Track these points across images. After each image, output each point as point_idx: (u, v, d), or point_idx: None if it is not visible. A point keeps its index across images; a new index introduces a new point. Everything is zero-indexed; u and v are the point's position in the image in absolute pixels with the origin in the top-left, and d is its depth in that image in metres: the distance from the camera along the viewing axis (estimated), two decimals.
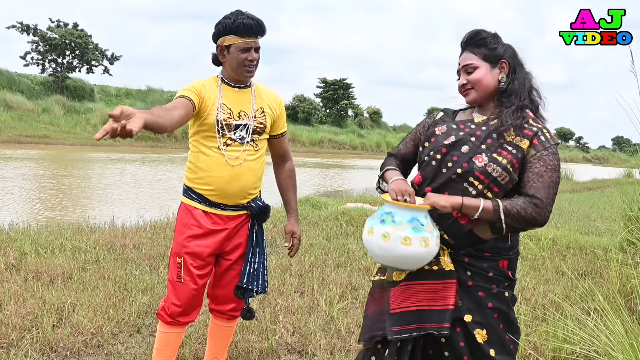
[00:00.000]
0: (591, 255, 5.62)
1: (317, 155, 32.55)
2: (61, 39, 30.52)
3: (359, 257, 5.56)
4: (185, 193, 2.64)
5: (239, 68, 2.51)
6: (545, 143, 1.92)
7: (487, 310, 1.96)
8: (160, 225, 6.87)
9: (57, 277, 4.35)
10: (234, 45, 2.48)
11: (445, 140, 2.01)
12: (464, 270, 1.97)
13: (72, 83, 31.44)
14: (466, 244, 1.97)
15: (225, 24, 2.48)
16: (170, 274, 2.63)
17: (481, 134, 1.98)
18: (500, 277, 1.98)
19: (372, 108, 49.56)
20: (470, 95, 2.04)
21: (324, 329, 3.62)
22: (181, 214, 2.64)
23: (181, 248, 2.58)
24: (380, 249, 1.88)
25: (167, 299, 2.63)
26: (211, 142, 2.54)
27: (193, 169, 2.59)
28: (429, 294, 1.95)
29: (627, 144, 6.97)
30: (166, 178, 14.75)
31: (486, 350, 1.93)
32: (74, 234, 5.86)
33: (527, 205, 1.86)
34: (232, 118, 2.54)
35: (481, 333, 1.94)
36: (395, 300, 1.98)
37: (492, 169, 1.90)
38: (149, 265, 4.97)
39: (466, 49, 2.05)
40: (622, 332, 2.73)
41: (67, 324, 3.46)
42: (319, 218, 7.66)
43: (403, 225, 1.85)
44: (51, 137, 24.89)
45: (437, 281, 1.95)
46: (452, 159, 1.97)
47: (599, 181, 20.14)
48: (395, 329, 1.93)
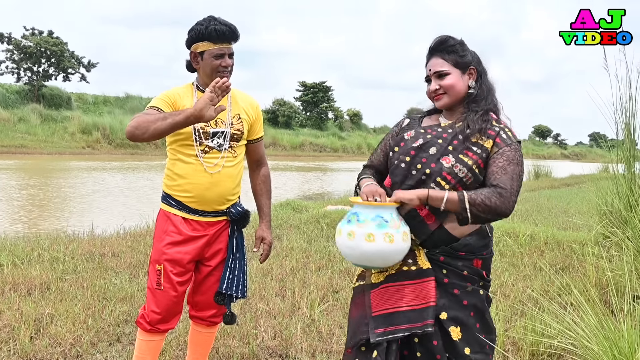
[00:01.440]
0: (568, 250, 5.70)
1: (298, 158, 32.57)
2: (36, 47, 30.20)
3: (340, 259, 5.57)
4: (164, 200, 2.62)
5: (213, 74, 2.49)
6: (507, 140, 1.99)
7: (463, 308, 1.99)
8: (140, 233, 6.82)
9: (35, 288, 4.30)
10: (207, 52, 2.48)
11: (413, 143, 2.05)
12: (440, 269, 2.00)
13: (49, 91, 31.10)
14: (439, 242, 2.00)
15: (198, 30, 2.46)
16: (149, 281, 2.59)
17: (447, 136, 2.03)
18: (475, 276, 2.02)
19: (353, 110, 49.78)
20: (442, 100, 2.07)
21: (305, 331, 3.63)
22: (160, 221, 2.62)
23: (160, 255, 2.56)
24: (347, 247, 1.94)
25: (146, 307, 2.60)
26: (189, 149, 2.52)
27: (171, 176, 2.57)
28: (409, 295, 1.97)
29: (604, 139, 7.09)
30: (146, 185, 14.63)
31: (461, 348, 1.95)
32: (51, 244, 5.79)
33: (492, 194, 1.89)
34: (209, 126, 2.53)
35: (455, 330, 1.96)
36: (376, 303, 2.00)
37: (458, 170, 1.95)
38: (128, 273, 4.93)
39: (435, 54, 2.08)
40: (597, 324, 2.78)
41: (45, 335, 3.42)
42: (300, 221, 7.66)
43: (367, 223, 1.90)
44: (28, 147, 24.59)
45: (416, 281, 1.97)
46: (421, 160, 2.01)
47: (576, 177, 20.43)
48: (377, 332, 1.95)
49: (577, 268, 4.93)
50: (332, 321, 3.80)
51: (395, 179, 2.06)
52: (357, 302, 2.10)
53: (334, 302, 4.24)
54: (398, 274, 2.00)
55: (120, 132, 28.78)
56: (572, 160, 55.66)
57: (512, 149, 1.97)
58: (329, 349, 3.40)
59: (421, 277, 1.97)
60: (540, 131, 77.42)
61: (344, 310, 4.06)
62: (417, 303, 1.95)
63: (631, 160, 5.01)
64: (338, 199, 12.39)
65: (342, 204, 9.41)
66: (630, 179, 4.95)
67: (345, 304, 4.17)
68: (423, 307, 1.94)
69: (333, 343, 3.46)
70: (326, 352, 3.36)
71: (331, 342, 3.49)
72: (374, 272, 2.07)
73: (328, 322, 3.77)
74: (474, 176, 1.95)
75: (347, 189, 16.20)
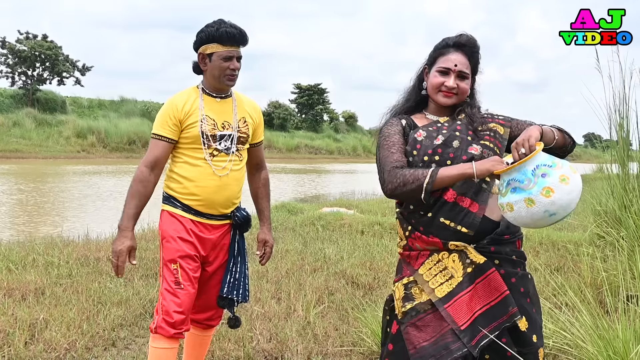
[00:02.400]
0: (563, 250, 5.72)
1: (293, 161, 32.58)
2: (30, 51, 30.11)
3: (335, 261, 5.57)
4: (167, 201, 2.59)
5: (221, 77, 2.50)
6: (507, 118, 2.13)
7: (522, 295, 1.97)
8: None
9: (29, 293, 4.28)
10: (216, 54, 2.47)
11: (434, 141, 2.02)
12: (492, 260, 1.95)
13: (43, 95, 31.00)
14: (484, 232, 1.97)
15: (208, 32, 2.45)
16: (165, 283, 2.50)
17: (462, 128, 2.06)
18: (521, 258, 2.03)
19: (348, 112, 49.80)
20: (451, 99, 2.06)
21: (300, 334, 3.62)
22: (167, 222, 2.57)
23: (175, 253, 2.50)
24: (566, 193, 1.77)
25: (165, 310, 2.46)
26: (197, 153, 2.52)
27: (178, 179, 2.55)
28: (482, 293, 1.92)
29: (598, 140, 7.13)
30: None
31: (529, 337, 1.93)
32: (46, 249, 5.77)
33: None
34: (216, 129, 2.53)
35: (522, 321, 1.93)
36: (458, 315, 1.91)
37: (487, 154, 1.99)
38: (123, 277, 4.91)
39: (462, 51, 2.06)
40: (592, 324, 2.79)
41: (39, 340, 3.40)
42: (295, 224, 7.66)
43: (559, 166, 1.80)
44: (23, 151, 24.52)
45: (481, 277, 1.93)
46: (449, 155, 1.99)
47: None
48: (474, 342, 1.87)
49: (572, 268, 4.94)
50: (328, 323, 3.80)
51: None
52: (422, 324, 1.96)
53: (329, 304, 4.24)
54: (464, 278, 1.93)
55: (116, 135, 28.73)
56: (567, 160, 55.74)
57: (515, 118, 2.14)
58: (325, 351, 3.40)
59: (483, 273, 1.93)
60: None
61: (340, 312, 4.06)
62: (493, 298, 1.91)
63: (625, 160, 5.04)
64: (333, 201, 12.40)
65: (337, 206, 9.42)
66: (624, 179, 4.97)
67: (340, 307, 4.17)
68: (502, 299, 1.90)
69: (329, 345, 3.46)
70: (322, 355, 3.36)
71: (327, 344, 3.48)
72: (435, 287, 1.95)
73: (324, 324, 3.77)
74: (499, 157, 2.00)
75: (342, 191, 16.22)
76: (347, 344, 3.47)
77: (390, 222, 7.50)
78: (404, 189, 1.93)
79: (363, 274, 5.02)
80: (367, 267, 5.29)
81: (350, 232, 7.15)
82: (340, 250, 6.03)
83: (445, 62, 2.05)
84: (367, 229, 7.26)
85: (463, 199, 1.96)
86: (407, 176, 1.93)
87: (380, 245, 6.30)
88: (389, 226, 7.35)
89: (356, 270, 5.13)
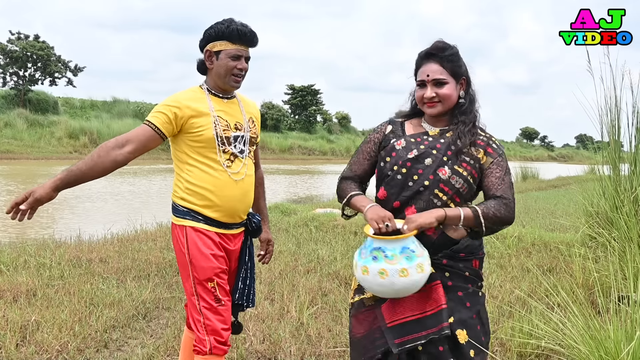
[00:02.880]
0: (555, 251, 5.74)
1: (287, 161, 32.53)
2: (22, 52, 29.94)
3: (329, 262, 5.57)
4: (187, 216, 2.40)
5: (227, 76, 2.39)
6: (498, 150, 2.06)
7: (467, 310, 2.00)
8: (128, 238, 6.77)
9: (21, 295, 4.25)
10: (224, 52, 2.36)
11: (408, 154, 2.05)
12: (443, 272, 2.01)
13: (35, 96, 30.82)
14: (441, 246, 2.01)
15: (218, 29, 2.35)
16: (204, 302, 2.37)
17: (441, 147, 2.04)
18: (475, 277, 2.06)
19: (341, 113, 49.81)
20: (435, 108, 2.05)
21: (294, 335, 3.62)
22: (194, 238, 2.38)
23: (212, 272, 2.37)
24: (379, 285, 1.88)
25: (212, 330, 2.36)
26: (213, 159, 2.37)
27: (195, 190, 2.38)
28: (420, 301, 1.97)
29: (590, 141, 7.15)
30: (132, 190, 14.55)
31: (467, 350, 1.95)
32: (38, 250, 5.74)
33: (500, 205, 1.97)
34: (229, 130, 2.41)
35: (462, 333, 1.96)
36: (388, 314, 1.99)
37: (455, 181, 1.99)
38: (116, 278, 4.90)
39: (432, 60, 2.05)
40: (584, 325, 2.80)
41: (31, 342, 3.38)
42: (289, 224, 7.65)
43: (396, 258, 1.85)
44: (14, 152, 24.35)
45: (423, 287, 1.95)
46: (418, 172, 2.02)
47: (563, 178, 20.58)
48: (397, 342, 1.94)
49: (564, 269, 4.96)
50: (321, 324, 3.80)
51: (391, 190, 2.06)
52: (361, 317, 2.08)
53: (322, 305, 4.24)
54: None
55: (108, 136, 28.57)
56: (559, 162, 56.04)
57: (504, 159, 2.06)
58: (318, 352, 3.39)
59: (428, 282, 1.96)
60: (527, 133, 77.92)
61: (333, 313, 4.06)
62: (429, 308, 1.96)
63: (616, 161, 5.07)
64: (327, 201, 12.39)
65: (330, 207, 9.41)
66: (615, 180, 4.99)
67: (334, 307, 4.17)
68: (437, 311, 1.94)
69: (322, 346, 3.46)
70: (315, 356, 3.35)
71: (320, 345, 3.48)
72: None
73: (317, 325, 3.77)
74: (469, 186, 2.01)
75: (335, 192, 16.17)
76: (340, 344, 3.47)
77: None
78: (338, 199, 2.24)
79: None
80: None
81: (344, 233, 7.15)
82: (333, 251, 6.03)
83: (420, 75, 2.09)
84: (360, 230, 7.26)
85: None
86: (341, 190, 2.22)
87: None
88: None
89: (349, 271, 5.13)
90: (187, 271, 2.40)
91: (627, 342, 2.56)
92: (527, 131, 77.77)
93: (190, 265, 2.38)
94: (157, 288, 4.65)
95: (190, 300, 2.42)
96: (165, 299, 4.41)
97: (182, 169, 2.42)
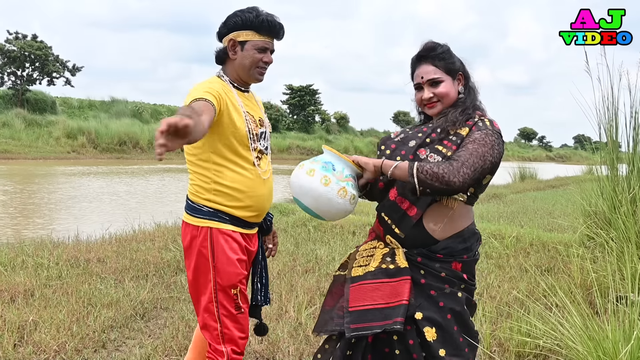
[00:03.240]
0: (553, 251, 5.74)
1: (285, 161, 32.52)
2: (20, 51, 29.87)
3: (327, 262, 5.57)
4: (212, 217, 2.26)
5: (252, 69, 2.26)
6: (482, 127, 1.99)
7: (439, 309, 1.98)
8: (126, 238, 6.76)
9: (19, 295, 4.25)
10: (250, 42, 2.23)
11: (396, 138, 2.12)
12: (417, 269, 2.02)
13: (33, 96, 30.76)
14: (418, 242, 2.02)
15: (246, 17, 2.21)
16: (223, 309, 2.27)
17: (427, 130, 2.08)
18: (454, 278, 2.02)
19: (339, 113, 49.79)
20: (435, 107, 2.08)
21: (292, 335, 3.62)
22: (219, 241, 2.25)
23: (236, 278, 2.27)
24: (293, 176, 2.06)
25: (230, 339, 2.28)
26: (244, 157, 2.26)
27: (226, 192, 2.24)
28: (386, 292, 1.98)
29: (588, 142, 7.17)
30: (132, 190, 14.53)
31: (435, 349, 1.94)
32: (36, 250, 5.72)
33: (441, 163, 1.90)
34: (257, 126, 2.31)
35: (430, 331, 1.96)
36: (353, 298, 2.01)
37: (433, 160, 1.98)
38: (114, 278, 4.89)
39: (425, 61, 2.08)
40: (582, 325, 2.81)
41: (28, 343, 3.38)
42: (287, 224, 7.65)
43: (317, 162, 2.03)
44: (12, 152, 24.30)
45: (393, 279, 1.98)
46: (400, 152, 2.06)
47: (561, 179, 20.60)
48: (353, 327, 1.96)
49: (562, 269, 4.96)
50: None
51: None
52: (335, 291, 2.14)
53: (321, 305, 4.23)
54: (377, 272, 2.02)
55: (106, 136, 28.54)
56: (557, 162, 56.12)
57: (483, 133, 1.96)
58: None
59: (398, 276, 1.98)
60: (525, 134, 78.05)
61: None
62: (391, 300, 1.96)
63: (614, 162, 5.07)
64: None
65: None
66: (613, 180, 5.00)
67: None
68: (396, 305, 1.94)
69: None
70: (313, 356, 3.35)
71: (318, 345, 3.47)
72: (354, 266, 2.10)
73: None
74: None
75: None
76: None
77: None
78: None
79: None
80: None
81: (342, 233, 7.15)
82: (332, 251, 6.03)
83: (415, 78, 2.13)
84: (358, 230, 7.26)
85: (403, 200, 2.03)
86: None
87: None
88: None
89: None
90: (207, 276, 2.26)
91: (625, 342, 2.56)
92: (525, 131, 77.89)
93: (213, 270, 2.25)
94: (156, 288, 4.64)
95: (206, 306, 2.28)
96: (164, 299, 4.41)
97: (207, 169, 2.25)
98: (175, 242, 6.33)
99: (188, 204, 2.32)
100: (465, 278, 2.05)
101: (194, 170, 2.29)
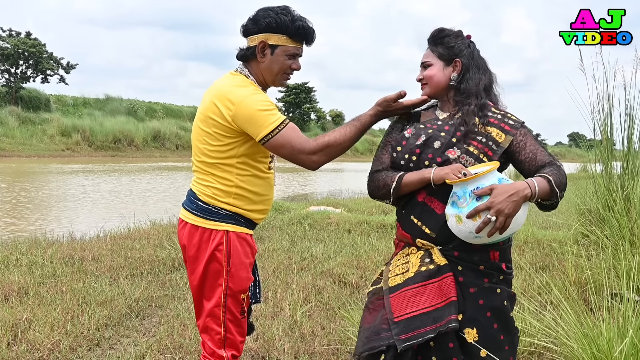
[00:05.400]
0: (548, 249, 5.76)
1: (280, 159, 32.50)
2: (14, 49, 29.77)
3: (322, 259, 5.57)
4: (230, 219, 2.20)
5: (280, 74, 2.20)
6: (516, 124, 2.01)
7: (479, 307, 1.92)
8: (121, 236, 6.75)
9: (12, 293, 4.23)
10: (282, 47, 2.15)
11: (416, 141, 2.03)
12: (455, 265, 1.94)
13: (27, 93, 30.68)
14: (450, 238, 1.94)
15: (281, 21, 2.12)
16: (230, 314, 2.22)
17: (450, 129, 2.02)
18: (493, 270, 1.96)
19: (335, 111, 49.85)
20: (424, 89, 2.12)
21: (287, 333, 3.62)
22: (236, 245, 2.20)
23: (247, 282, 2.24)
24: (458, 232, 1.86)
25: (231, 344, 2.23)
26: (263, 161, 2.25)
27: (244, 195, 2.20)
28: (431, 294, 1.90)
29: (583, 139, 7.19)
30: (125, 188, 14.49)
31: (476, 350, 1.89)
32: (30, 248, 5.71)
33: (558, 170, 1.91)
34: None
35: (471, 332, 1.90)
36: (397, 307, 1.92)
37: (465, 161, 1.95)
38: (108, 276, 4.88)
39: (429, 45, 2.13)
40: (576, 322, 2.82)
41: (22, 341, 3.36)
42: (282, 222, 7.65)
43: (464, 200, 1.82)
44: (6, 150, 24.22)
45: (435, 279, 1.91)
46: (428, 156, 1.99)
47: None
48: (403, 337, 1.86)
49: (556, 267, 4.98)
50: (315, 322, 3.80)
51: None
52: (372, 307, 2.03)
53: (316, 303, 4.24)
54: (417, 275, 1.94)
55: (101, 134, 28.44)
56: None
57: (525, 130, 2.02)
58: (312, 350, 3.39)
59: (440, 275, 1.91)
60: None
61: (327, 311, 4.06)
62: (439, 301, 1.89)
63: (609, 160, 5.08)
64: (321, 199, 12.40)
65: (324, 205, 9.42)
66: (607, 178, 5.01)
67: (327, 305, 4.17)
68: (445, 304, 1.88)
69: (315, 344, 3.46)
70: (308, 354, 3.35)
71: (314, 343, 3.48)
72: (390, 276, 2.01)
73: (310, 323, 3.76)
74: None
75: (329, 189, 16.22)
76: (334, 342, 3.47)
77: (377, 221, 7.51)
78: (377, 193, 2.10)
79: (350, 273, 5.02)
80: (354, 266, 5.30)
81: (338, 231, 7.15)
82: (327, 249, 6.03)
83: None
84: (354, 228, 7.27)
85: (432, 199, 1.99)
86: (380, 181, 2.08)
87: (367, 244, 6.31)
88: (375, 225, 7.36)
89: (343, 269, 5.13)
90: (217, 281, 2.19)
91: (620, 339, 2.57)
92: None
93: (226, 275, 2.18)
94: (150, 286, 4.63)
95: (212, 311, 2.21)
96: (159, 297, 4.40)
97: (230, 172, 2.18)
98: (170, 240, 6.31)
99: (199, 206, 2.22)
100: (504, 268, 1.98)
101: (212, 172, 2.20)
